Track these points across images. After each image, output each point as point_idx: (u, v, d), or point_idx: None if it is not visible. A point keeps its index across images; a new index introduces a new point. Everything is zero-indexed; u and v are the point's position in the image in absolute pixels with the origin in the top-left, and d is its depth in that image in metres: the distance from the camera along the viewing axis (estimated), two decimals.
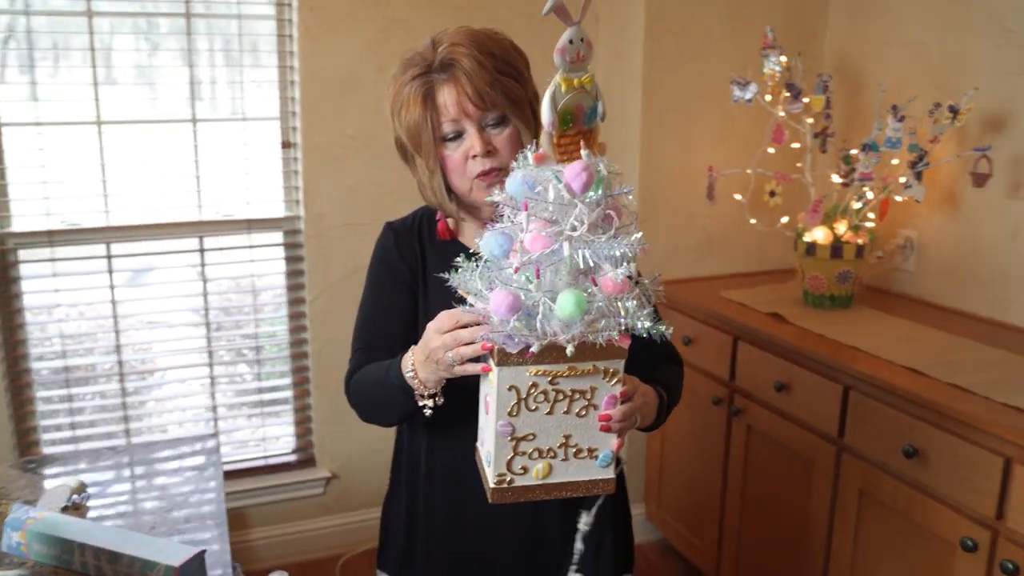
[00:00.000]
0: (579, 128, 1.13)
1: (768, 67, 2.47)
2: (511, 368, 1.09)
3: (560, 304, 1.03)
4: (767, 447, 2.35)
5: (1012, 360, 2.05)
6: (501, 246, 1.10)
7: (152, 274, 2.67)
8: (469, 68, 1.29)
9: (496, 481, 1.16)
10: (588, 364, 1.10)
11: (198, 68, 2.56)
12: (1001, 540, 1.71)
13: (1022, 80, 2.26)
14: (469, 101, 1.30)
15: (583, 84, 1.10)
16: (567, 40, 1.08)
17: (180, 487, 1.76)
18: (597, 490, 1.19)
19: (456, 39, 1.33)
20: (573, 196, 1.06)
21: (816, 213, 2.43)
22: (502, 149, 1.34)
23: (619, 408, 1.15)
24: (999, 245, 2.34)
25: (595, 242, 1.06)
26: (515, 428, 1.13)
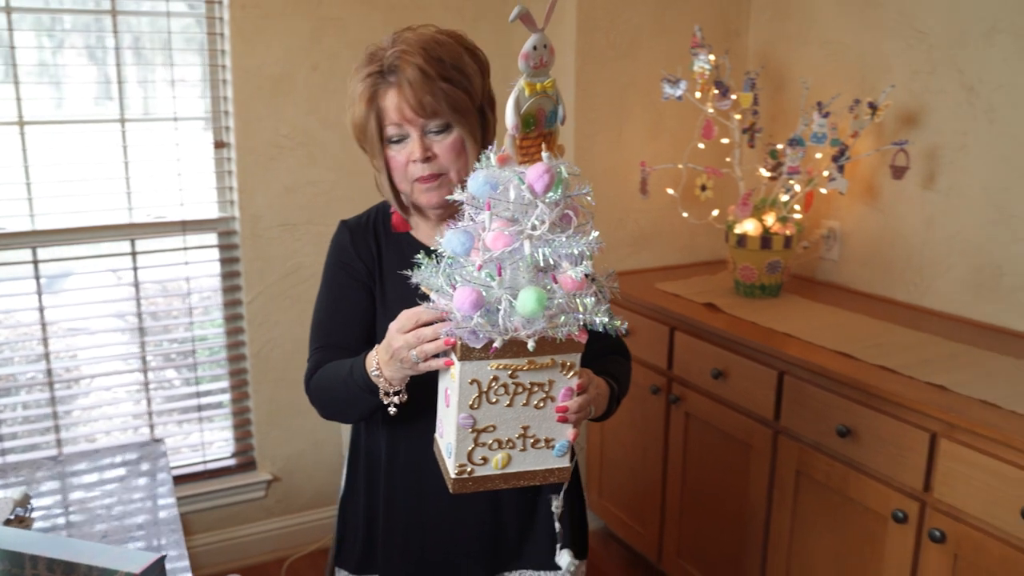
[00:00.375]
0: (540, 131, 1.16)
1: (698, 65, 2.55)
2: (473, 363, 1.13)
3: (521, 301, 1.06)
4: (705, 433, 2.43)
5: (933, 342, 2.17)
6: (463, 244, 1.12)
7: (82, 279, 2.60)
8: (411, 77, 1.31)
9: (457, 472, 1.20)
10: (547, 358, 1.15)
11: (126, 67, 2.49)
12: (929, 510, 1.82)
13: (933, 78, 2.40)
14: (409, 108, 1.33)
15: (545, 88, 1.14)
16: (531, 46, 1.11)
17: (130, 494, 1.72)
18: (554, 479, 1.24)
19: (406, 45, 1.34)
20: (535, 197, 1.09)
21: (746, 206, 2.52)
22: (442, 155, 1.36)
23: (575, 400, 1.19)
24: (916, 234, 2.48)
25: (555, 241, 1.09)
26: (476, 420, 1.17)
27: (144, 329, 2.64)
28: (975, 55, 2.28)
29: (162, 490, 1.74)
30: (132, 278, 2.59)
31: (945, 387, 1.86)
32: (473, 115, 1.37)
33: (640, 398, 2.63)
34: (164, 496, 1.72)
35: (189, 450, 2.78)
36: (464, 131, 1.36)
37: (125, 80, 2.50)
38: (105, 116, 2.52)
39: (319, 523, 2.93)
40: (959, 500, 1.74)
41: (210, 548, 2.74)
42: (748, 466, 2.28)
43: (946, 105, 2.37)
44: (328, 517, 2.94)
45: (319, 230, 2.74)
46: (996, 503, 1.68)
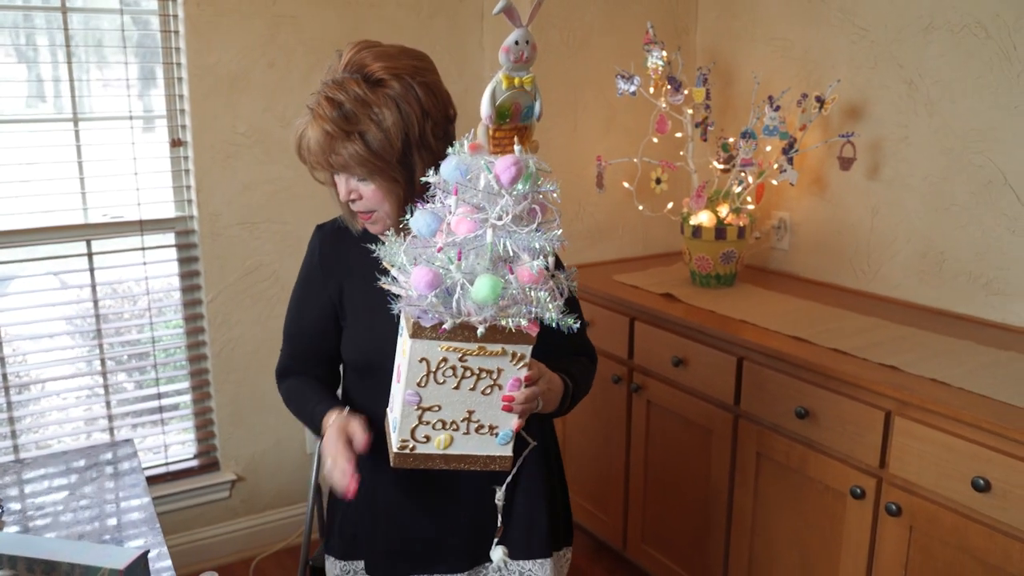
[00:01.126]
0: (515, 124, 1.18)
1: (651, 61, 2.61)
2: (423, 341, 1.14)
3: (476, 287, 1.09)
4: (667, 420, 2.49)
5: (881, 325, 2.26)
6: (429, 225, 1.15)
7: (36, 281, 2.55)
8: (316, 138, 1.33)
9: (399, 446, 1.22)
10: (497, 346, 1.16)
11: (79, 65, 2.46)
12: (885, 485, 1.90)
13: (875, 73, 2.50)
14: (319, 165, 1.36)
15: (523, 84, 1.15)
16: (513, 40, 1.12)
17: (102, 495, 1.71)
18: (494, 466, 1.26)
19: (316, 101, 1.34)
20: (501, 187, 1.11)
21: (700, 198, 2.59)
22: (367, 198, 1.38)
23: (523, 391, 1.21)
24: (862, 223, 2.58)
25: (517, 233, 1.12)
26: (422, 398, 1.19)
27: (102, 331, 2.60)
28: (914, 51, 2.39)
29: (136, 489, 1.73)
30: (89, 279, 2.55)
31: (897, 367, 1.95)
32: (390, 168, 1.35)
33: (601, 388, 2.68)
34: (138, 495, 1.71)
35: (151, 452, 2.75)
36: (380, 185, 1.36)
37: (78, 78, 2.46)
38: (57, 115, 2.48)
39: (285, 522, 2.92)
40: (913, 474, 1.83)
41: (176, 550, 2.71)
42: (709, 450, 2.35)
43: (888, 99, 2.47)
44: (293, 515, 2.93)
45: (278, 228, 2.73)
46: (948, 475, 1.77)
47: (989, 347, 2.08)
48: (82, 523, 1.61)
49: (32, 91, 2.48)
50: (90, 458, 1.86)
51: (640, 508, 2.63)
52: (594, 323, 2.69)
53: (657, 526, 2.59)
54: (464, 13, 2.88)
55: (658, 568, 2.60)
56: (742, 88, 2.90)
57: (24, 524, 1.61)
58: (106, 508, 1.66)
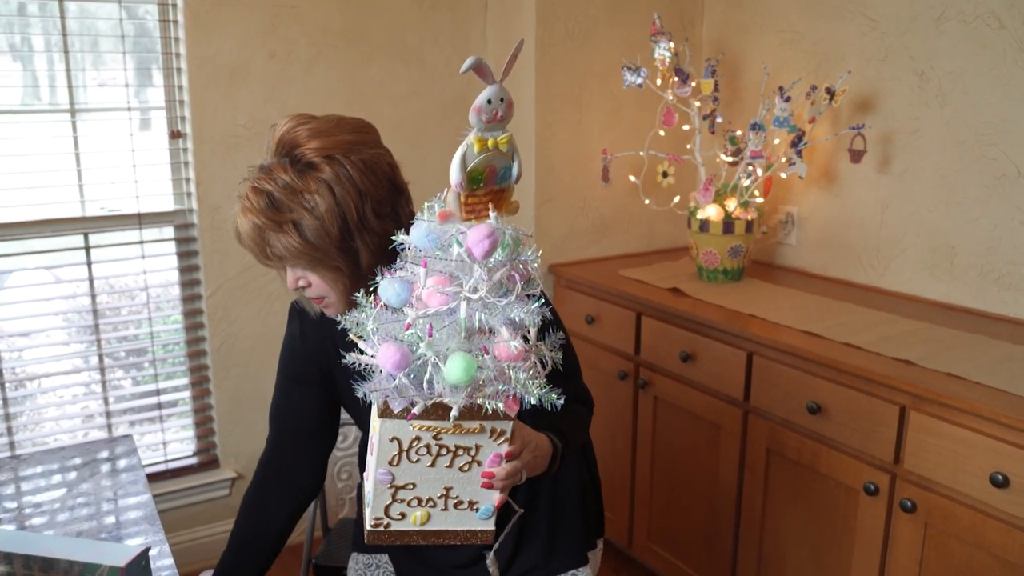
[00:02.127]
0: (490, 188, 1.08)
1: (658, 53, 2.58)
2: (393, 420, 1.07)
3: (449, 368, 1.01)
4: (674, 416, 2.45)
5: (892, 320, 2.23)
6: (398, 294, 1.06)
7: (33, 275, 2.51)
8: (244, 230, 1.27)
9: (372, 524, 1.15)
10: (475, 423, 1.09)
11: (75, 56, 2.41)
12: (899, 482, 1.87)
13: (886, 64, 2.46)
14: (257, 259, 1.32)
15: (498, 144, 1.05)
16: (485, 99, 1.02)
17: (102, 492, 1.67)
18: (476, 540, 1.19)
19: (243, 194, 1.27)
20: (473, 260, 1.03)
21: (708, 192, 2.55)
22: (316, 285, 1.33)
23: (503, 467, 1.13)
24: (872, 217, 2.54)
25: (493, 305, 1.03)
26: (395, 477, 1.12)
27: (100, 326, 2.56)
28: (925, 42, 2.35)
29: (135, 487, 1.69)
30: (86, 273, 2.51)
31: (911, 361, 1.92)
32: (330, 256, 1.28)
33: (608, 384, 2.64)
34: (138, 493, 1.67)
35: (149, 450, 2.70)
36: (322, 275, 1.31)
37: (75, 69, 2.42)
38: (55, 107, 2.44)
39: None
40: (928, 470, 1.80)
41: (175, 548, 2.67)
42: (718, 447, 2.31)
43: (899, 91, 2.44)
44: None
45: None
46: (964, 471, 1.73)
47: (1003, 341, 2.05)
48: (80, 521, 1.57)
49: (28, 81, 2.44)
50: (88, 455, 1.82)
51: (646, 505, 2.60)
52: (600, 318, 2.65)
53: (664, 524, 2.56)
54: (466, 4, 2.84)
55: (664, 566, 2.57)
56: (750, 80, 2.86)
57: (21, 522, 1.57)
58: (104, 506, 1.62)
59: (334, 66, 2.68)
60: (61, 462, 1.79)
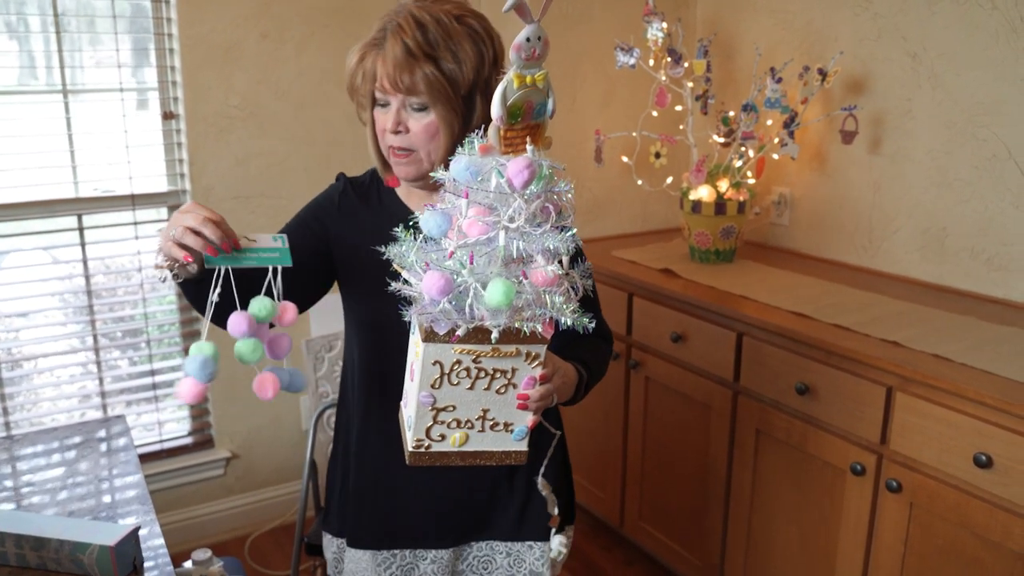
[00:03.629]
0: (527, 123, 1.14)
1: (651, 33, 2.57)
2: (436, 345, 1.12)
3: (489, 292, 1.06)
4: (665, 396, 2.47)
5: (883, 301, 2.24)
6: (439, 226, 1.11)
7: (26, 256, 2.52)
8: (394, 53, 1.30)
9: (414, 445, 1.21)
10: (511, 347, 1.14)
11: (68, 36, 2.41)
12: (886, 462, 1.89)
13: (878, 45, 2.46)
14: (387, 80, 1.32)
15: (535, 81, 1.10)
16: (524, 38, 1.07)
17: (95, 472, 1.69)
18: (510, 460, 1.25)
19: (400, 17, 1.31)
20: (513, 191, 1.08)
21: (700, 172, 2.56)
22: (415, 133, 1.35)
23: (537, 389, 1.19)
24: (864, 198, 2.54)
25: (530, 234, 1.09)
26: (436, 399, 1.17)
27: (94, 307, 2.57)
28: (918, 22, 2.35)
29: (127, 467, 1.71)
30: (80, 255, 2.52)
31: (899, 343, 1.93)
32: (455, 101, 1.33)
33: None
34: (131, 473, 1.68)
35: (144, 429, 2.72)
36: (440, 116, 1.33)
37: (68, 50, 2.41)
38: (49, 87, 2.44)
39: (280, 499, 2.90)
40: (914, 451, 1.81)
41: (170, 528, 2.70)
42: (708, 427, 2.33)
43: (891, 72, 2.43)
44: (289, 493, 2.91)
45: (272, 203, 2.70)
46: (949, 451, 1.75)
47: (991, 323, 2.06)
48: (74, 500, 1.59)
49: (22, 62, 2.43)
50: (82, 434, 1.84)
51: (638, 485, 2.62)
52: None
53: (655, 503, 2.58)
54: None
55: (655, 545, 2.59)
56: (743, 61, 2.86)
57: (16, 501, 1.59)
58: (99, 486, 1.64)
59: (327, 45, 2.68)
60: (56, 442, 1.81)
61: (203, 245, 1.17)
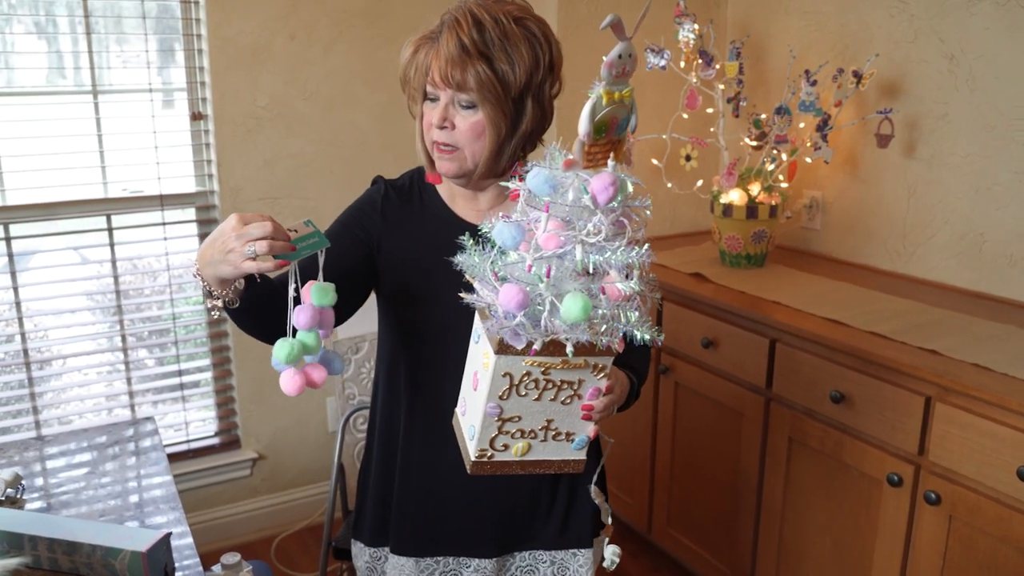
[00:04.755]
0: (610, 138, 1.14)
1: (683, 35, 2.54)
2: (509, 357, 1.12)
3: (567, 306, 1.05)
4: (695, 402, 2.44)
5: (919, 308, 2.20)
6: (514, 238, 1.09)
7: (56, 256, 2.52)
8: (448, 48, 1.28)
9: (477, 455, 1.21)
10: (581, 359, 1.15)
11: (97, 37, 2.41)
12: (924, 473, 1.85)
13: (914, 47, 2.41)
14: (438, 74, 1.30)
15: (623, 97, 1.11)
16: (616, 55, 1.07)
17: (123, 473, 1.68)
18: (568, 469, 1.26)
19: (459, 13, 1.30)
20: (596, 207, 1.07)
21: (732, 176, 2.52)
22: (461, 131, 1.33)
23: (602, 400, 1.19)
24: (898, 202, 2.50)
25: (606, 249, 1.08)
26: (503, 410, 1.17)
27: (122, 307, 2.57)
28: (956, 24, 2.30)
29: (156, 468, 1.71)
30: (109, 255, 2.52)
31: (938, 351, 1.89)
32: (504, 103, 1.31)
33: None
34: (160, 474, 1.68)
35: (171, 429, 2.72)
36: (488, 116, 1.31)
37: (98, 51, 2.41)
38: (78, 88, 2.44)
39: (307, 500, 2.90)
40: (954, 462, 1.77)
41: (196, 528, 2.69)
42: (739, 434, 2.30)
43: (928, 74, 2.39)
44: (316, 494, 2.91)
45: (300, 203, 2.69)
46: (991, 464, 1.71)
47: None
48: (103, 500, 1.58)
49: (52, 63, 2.44)
50: (111, 435, 1.84)
51: (666, 491, 2.59)
52: None
53: (683, 509, 2.55)
54: None
55: (683, 551, 2.56)
56: (774, 63, 2.82)
57: (46, 502, 1.58)
58: (128, 486, 1.63)
59: (355, 47, 2.67)
60: (85, 442, 1.81)
61: (287, 248, 1.13)
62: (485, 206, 1.45)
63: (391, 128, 2.71)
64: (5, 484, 1.58)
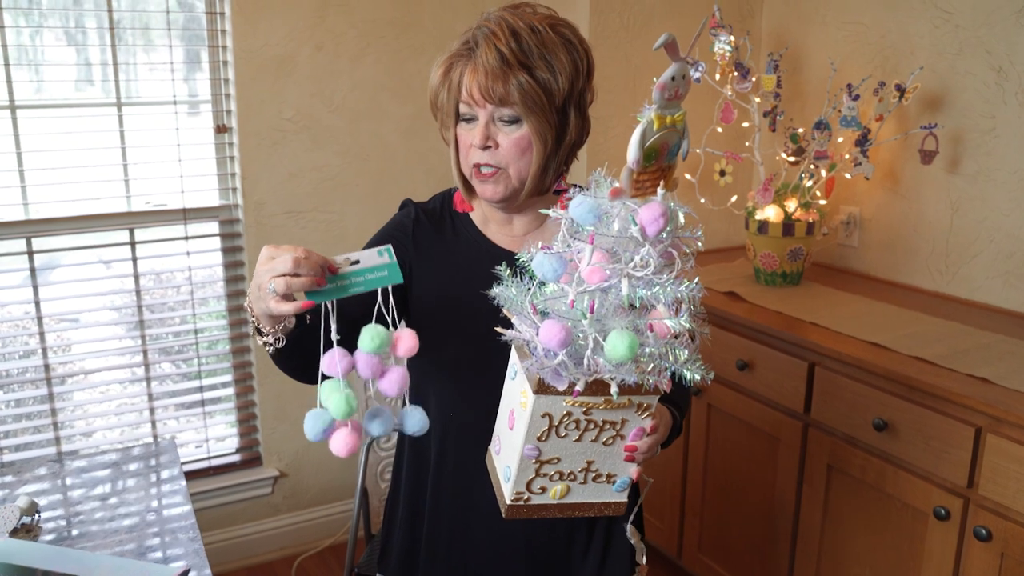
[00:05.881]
0: (660, 165, 1.07)
1: (718, 46, 2.47)
2: (549, 397, 1.06)
3: (612, 345, 0.98)
4: (729, 426, 2.36)
5: (965, 331, 2.11)
6: (555, 271, 1.03)
7: (78, 270, 2.49)
8: (488, 61, 1.22)
9: (513, 499, 1.14)
10: (625, 399, 1.08)
11: (123, 49, 2.38)
12: (973, 507, 1.76)
13: (959, 59, 2.33)
14: (478, 91, 1.24)
15: (675, 122, 1.04)
16: (670, 76, 1.00)
17: (142, 501, 1.64)
18: (608, 512, 1.19)
19: (492, 24, 1.25)
20: (645, 239, 1.00)
21: (768, 192, 2.45)
22: (504, 148, 1.27)
23: (646, 440, 1.13)
24: (941, 220, 2.41)
25: (654, 283, 1.00)
26: (541, 452, 1.11)
27: (144, 322, 2.54)
28: (1005, 35, 2.22)
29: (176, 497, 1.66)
30: (132, 269, 2.49)
31: (988, 380, 1.80)
32: (549, 113, 1.26)
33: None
34: (179, 504, 1.63)
35: (192, 446, 2.68)
36: (533, 128, 1.25)
37: (121, 63, 2.38)
38: (101, 100, 2.41)
39: (329, 519, 2.85)
40: (1007, 497, 1.69)
41: (216, 547, 2.65)
42: (776, 459, 2.22)
43: (974, 87, 2.30)
44: (338, 513, 2.86)
45: (325, 218, 2.64)
46: None
47: None
48: (120, 530, 1.53)
49: (75, 75, 2.41)
50: (131, 458, 1.79)
51: (698, 516, 2.51)
52: None
53: (715, 535, 2.47)
54: None
55: None
56: (811, 75, 2.74)
57: (62, 531, 1.54)
58: (148, 517, 1.58)
59: (383, 58, 2.62)
60: (104, 466, 1.76)
61: (309, 284, 1.04)
62: (520, 231, 1.39)
63: (419, 142, 2.66)
64: (21, 512, 1.54)
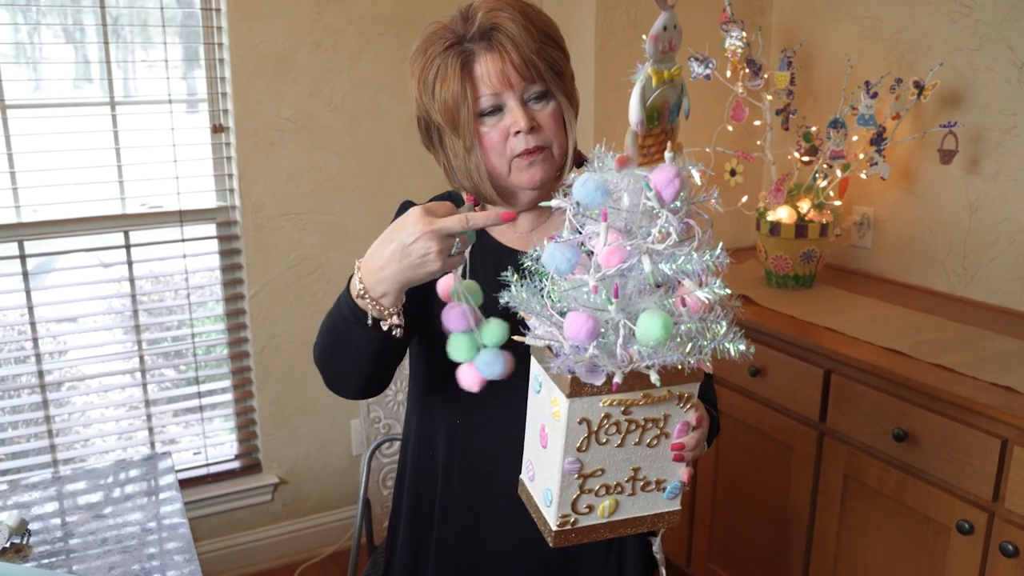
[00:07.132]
0: (663, 126, 1.00)
1: (730, 42, 2.40)
2: (584, 399, 0.96)
3: (646, 327, 0.89)
4: (741, 433, 2.30)
5: (987, 337, 2.04)
6: (569, 261, 0.94)
7: (73, 274, 2.43)
8: (514, 33, 1.16)
9: (559, 523, 1.04)
10: (663, 390, 0.99)
11: (115, 46, 2.31)
12: (999, 522, 1.70)
13: (979, 55, 2.26)
14: (514, 70, 1.17)
15: (672, 77, 0.97)
16: (660, 27, 0.93)
17: (136, 517, 1.57)
18: (663, 523, 1.09)
19: (495, 5, 1.19)
20: (662, 205, 0.92)
21: (780, 192, 2.38)
22: (546, 126, 1.21)
23: (692, 435, 1.03)
24: (959, 221, 2.35)
25: (677, 255, 0.92)
26: (583, 464, 1.01)
27: (140, 326, 2.47)
28: None
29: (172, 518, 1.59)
30: (127, 272, 2.42)
31: (1013, 388, 1.74)
32: (568, 82, 1.24)
33: None
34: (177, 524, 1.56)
35: (190, 453, 2.62)
36: (564, 100, 1.22)
37: (115, 61, 2.31)
38: (93, 99, 2.34)
39: (329, 527, 2.79)
40: None
41: (215, 555, 2.60)
42: (789, 469, 2.16)
43: (994, 84, 2.24)
44: (338, 520, 2.80)
45: (324, 219, 2.58)
46: None
47: None
48: (113, 551, 1.47)
49: (68, 74, 2.34)
50: (125, 472, 1.73)
51: (707, 523, 2.45)
52: None
53: (726, 543, 2.41)
54: None
55: None
56: (824, 72, 2.67)
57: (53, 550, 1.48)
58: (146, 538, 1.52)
59: (383, 56, 2.55)
60: (98, 479, 1.70)
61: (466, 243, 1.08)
62: (526, 227, 1.33)
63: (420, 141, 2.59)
64: (10, 531, 1.47)
